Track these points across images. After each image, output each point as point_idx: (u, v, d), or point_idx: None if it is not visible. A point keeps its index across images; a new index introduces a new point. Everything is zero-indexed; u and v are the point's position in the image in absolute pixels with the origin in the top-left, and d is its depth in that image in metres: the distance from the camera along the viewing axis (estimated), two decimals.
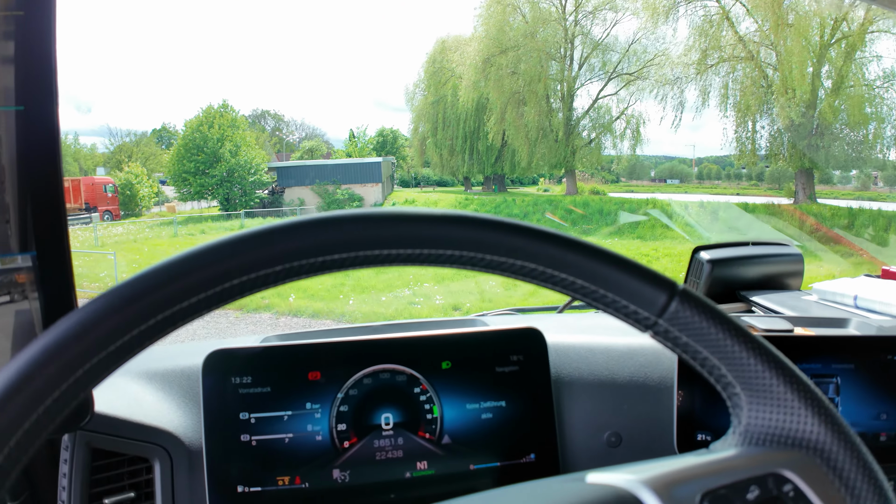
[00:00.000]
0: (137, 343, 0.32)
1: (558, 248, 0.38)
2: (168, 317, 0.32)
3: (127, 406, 0.77)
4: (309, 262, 0.35)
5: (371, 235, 0.35)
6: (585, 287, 0.39)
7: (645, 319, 0.39)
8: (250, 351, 0.79)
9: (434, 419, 0.82)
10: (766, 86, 18.42)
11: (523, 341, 0.87)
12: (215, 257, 0.33)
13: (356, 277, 7.19)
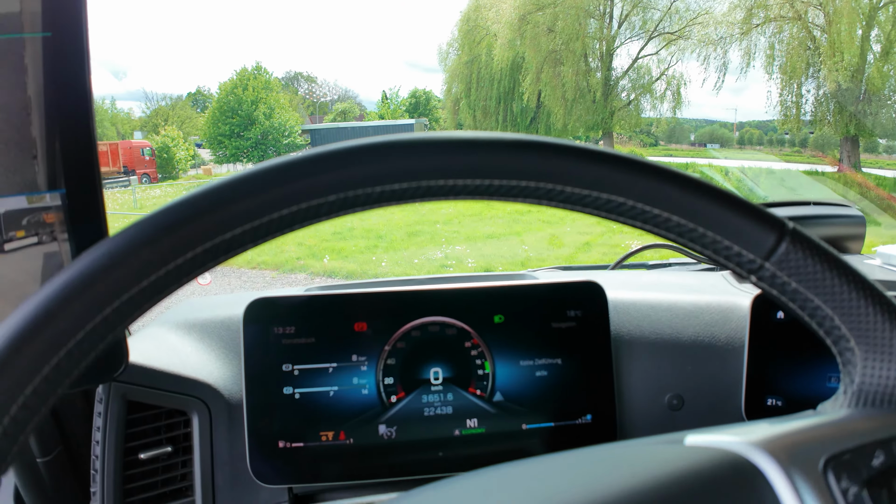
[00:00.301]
0: (174, 279, 0.27)
1: (652, 179, 0.31)
2: (209, 249, 0.27)
3: (164, 357, 0.73)
4: (364, 193, 0.29)
5: (435, 164, 0.29)
6: (682, 225, 0.33)
7: (749, 263, 0.33)
8: (294, 300, 0.74)
9: (485, 375, 0.77)
10: (812, 48, 17.41)
11: (582, 296, 0.80)
12: (260, 185, 0.28)
13: (389, 240, 7.19)
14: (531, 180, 0.31)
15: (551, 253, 6.33)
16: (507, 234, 7.09)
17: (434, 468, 0.76)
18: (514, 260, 6.14)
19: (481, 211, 8.37)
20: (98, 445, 0.68)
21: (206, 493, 0.72)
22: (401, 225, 7.88)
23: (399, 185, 0.30)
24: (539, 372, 0.78)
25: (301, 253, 6.56)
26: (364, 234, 7.44)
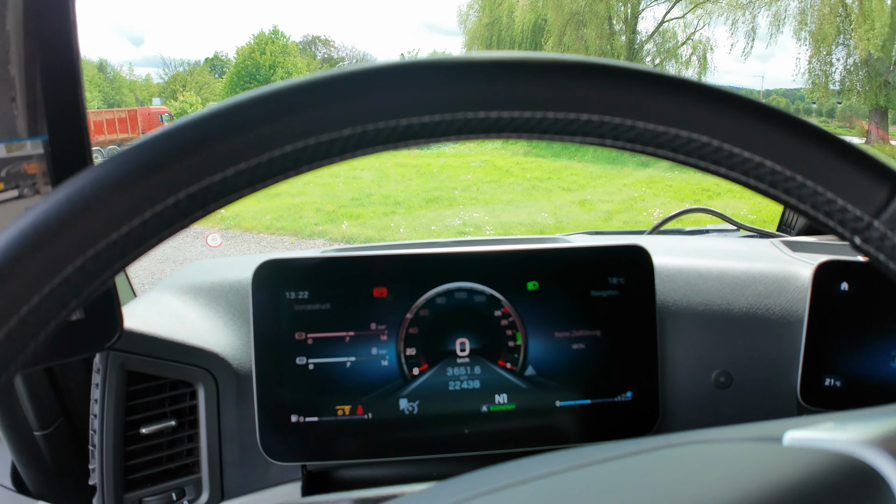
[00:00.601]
0: (149, 232, 0.22)
1: (744, 115, 0.24)
2: (194, 195, 0.22)
3: (167, 324, 0.67)
4: (388, 127, 0.23)
5: (474, 92, 0.23)
6: (777, 173, 0.25)
7: (854, 221, 0.26)
8: (307, 262, 0.67)
9: (516, 347, 0.70)
10: (843, 15, 16.61)
11: (625, 262, 0.72)
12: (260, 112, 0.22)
13: (407, 206, 7.11)
14: (595, 113, 0.23)
15: (571, 220, 6.20)
16: (526, 201, 6.96)
17: (459, 446, 0.70)
18: (532, 227, 6.04)
19: (500, 178, 8.23)
20: (96, 419, 0.62)
21: (213, 470, 0.67)
22: (418, 191, 7.79)
23: (431, 117, 0.23)
24: (576, 345, 0.71)
25: (319, 219, 6.53)
26: (382, 200, 7.37)
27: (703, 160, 0.26)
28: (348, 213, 6.87)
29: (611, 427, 0.72)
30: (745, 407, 0.74)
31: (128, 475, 0.64)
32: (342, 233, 6.50)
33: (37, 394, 0.67)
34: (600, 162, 8.98)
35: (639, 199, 6.83)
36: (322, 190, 7.57)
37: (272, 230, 6.02)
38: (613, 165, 8.86)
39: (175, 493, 0.65)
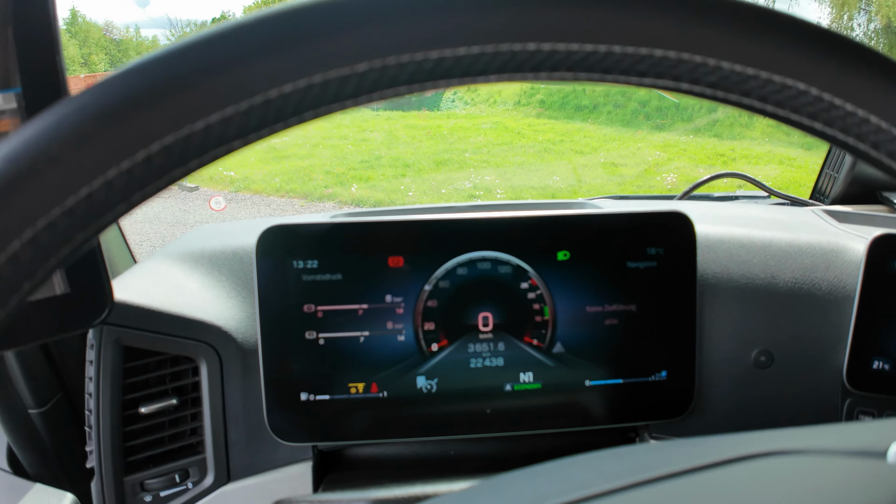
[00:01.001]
0: (102, 206, 0.17)
1: (856, 62, 0.19)
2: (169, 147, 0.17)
3: (166, 295, 0.62)
4: (415, 63, 0.18)
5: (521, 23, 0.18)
6: (882, 132, 0.20)
7: None
8: (316, 227, 0.61)
9: (544, 322, 0.64)
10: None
11: (665, 230, 0.65)
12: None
13: (417, 168, 7.01)
14: (673, 49, 0.18)
15: (585, 184, 6.09)
16: (537, 164, 6.82)
17: (480, 426, 0.65)
18: (544, 191, 5.93)
19: (512, 140, 8.06)
20: (91, 398, 0.58)
21: (217, 450, 0.63)
22: (428, 153, 7.66)
23: (468, 50, 0.17)
24: (609, 320, 0.65)
25: (329, 181, 6.45)
26: (391, 162, 7.26)
27: (796, 112, 0.20)
28: (358, 175, 6.78)
29: (643, 408, 0.67)
30: (785, 389, 0.69)
31: (127, 457, 0.60)
32: (352, 195, 6.44)
33: (31, 369, 0.63)
34: (614, 124, 8.76)
35: (654, 164, 6.68)
36: (331, 152, 7.47)
37: (282, 193, 5.96)
38: (628, 128, 8.64)
39: (178, 475, 0.62)
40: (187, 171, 0.19)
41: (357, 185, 6.51)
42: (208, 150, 0.17)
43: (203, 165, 0.18)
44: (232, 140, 0.18)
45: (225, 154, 0.19)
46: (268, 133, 0.19)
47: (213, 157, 0.18)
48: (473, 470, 0.67)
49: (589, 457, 0.29)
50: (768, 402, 0.69)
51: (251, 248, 0.67)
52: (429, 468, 0.69)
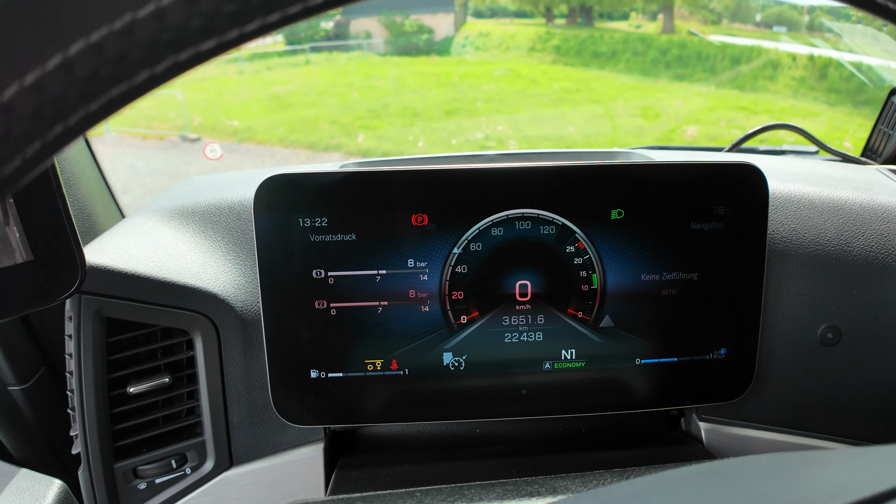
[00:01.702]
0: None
1: None
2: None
3: (152, 258, 0.53)
4: None
5: None
6: None
7: None
8: (325, 178, 0.52)
9: (591, 292, 0.56)
10: None
11: (735, 185, 0.55)
12: None
13: (426, 118, 6.82)
14: None
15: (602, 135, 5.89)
16: (552, 115, 6.60)
17: (514, 409, 0.58)
18: (559, 142, 5.76)
19: (525, 88, 7.79)
20: (73, 377, 0.50)
21: (217, 433, 0.55)
22: (437, 102, 7.43)
23: None
24: (666, 290, 0.56)
25: (335, 131, 6.28)
26: (399, 111, 7.05)
27: None
28: (365, 124, 6.61)
29: (697, 390, 0.59)
30: (851, 369, 0.60)
31: (117, 441, 0.53)
32: (358, 146, 6.30)
33: (9, 341, 0.55)
34: (633, 73, 8.42)
35: (674, 116, 6.44)
36: (337, 100, 7.25)
37: (286, 143, 5.81)
38: (647, 77, 8.32)
39: (175, 460, 0.54)
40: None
41: (364, 135, 6.35)
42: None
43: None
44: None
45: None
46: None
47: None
48: (501, 450, 0.60)
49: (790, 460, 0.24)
50: (831, 383, 0.61)
51: (248, 202, 0.58)
52: (453, 447, 0.62)
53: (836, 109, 6.55)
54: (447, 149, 6.22)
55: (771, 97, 7.93)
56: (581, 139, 5.97)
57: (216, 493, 0.56)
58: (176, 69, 0.15)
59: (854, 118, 5.84)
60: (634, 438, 0.63)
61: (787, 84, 8.53)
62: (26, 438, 0.55)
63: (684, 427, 0.65)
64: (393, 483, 0.55)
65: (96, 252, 0.51)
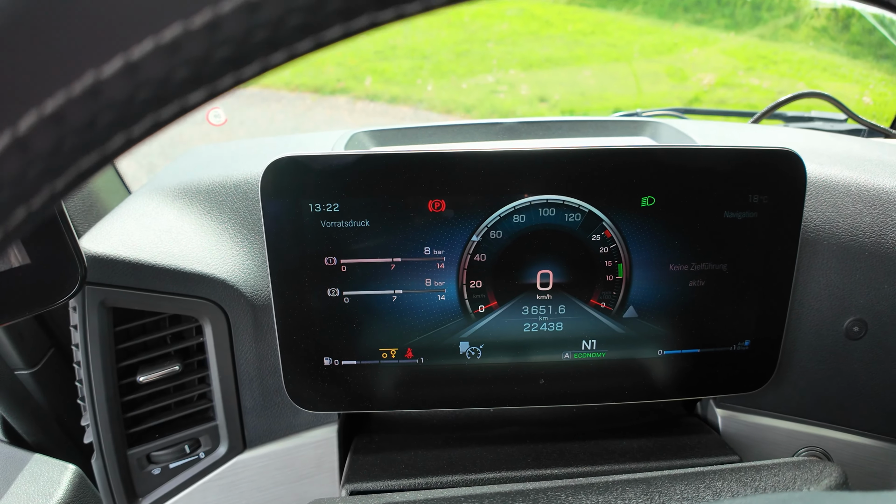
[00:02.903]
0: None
1: None
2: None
3: (156, 243, 0.51)
4: None
5: None
6: None
7: None
8: (335, 161, 0.49)
9: (616, 282, 0.53)
10: None
11: (773, 173, 0.52)
12: None
13: (435, 60, 6.60)
14: None
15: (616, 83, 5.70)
16: (566, 59, 6.36)
17: (530, 399, 0.56)
18: (573, 89, 5.58)
19: (539, 30, 7.48)
20: (81, 367, 0.49)
21: (230, 417, 0.55)
22: (448, 43, 7.18)
23: None
24: (694, 281, 0.54)
25: (341, 74, 6.11)
26: (408, 53, 6.82)
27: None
28: (372, 67, 6.42)
29: (718, 381, 0.57)
30: (874, 363, 0.58)
31: (129, 428, 0.53)
32: (366, 90, 6.14)
33: (16, 327, 0.54)
34: (650, 16, 8.06)
35: (690, 63, 6.19)
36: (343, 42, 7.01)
37: (291, 87, 5.67)
38: (664, 21, 7.96)
39: (188, 445, 0.54)
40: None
41: (371, 78, 6.17)
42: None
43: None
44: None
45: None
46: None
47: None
48: (515, 435, 0.60)
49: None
50: (853, 377, 0.59)
51: (256, 179, 0.55)
52: (467, 429, 0.61)
53: (857, 62, 6.27)
54: (457, 93, 6.06)
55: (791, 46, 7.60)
56: (597, 85, 5.78)
57: (230, 477, 0.56)
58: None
59: (874, 72, 5.60)
60: (649, 423, 0.62)
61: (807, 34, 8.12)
62: (39, 423, 0.55)
63: (700, 412, 0.64)
64: (408, 470, 0.54)
65: (98, 240, 0.49)
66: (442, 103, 6.07)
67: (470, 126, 0.73)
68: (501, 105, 6.07)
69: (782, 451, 0.61)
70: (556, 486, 0.45)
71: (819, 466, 0.45)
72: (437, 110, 5.63)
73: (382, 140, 0.71)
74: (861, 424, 0.61)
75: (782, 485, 0.43)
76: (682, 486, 0.43)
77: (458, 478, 0.53)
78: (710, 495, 0.42)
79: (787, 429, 0.61)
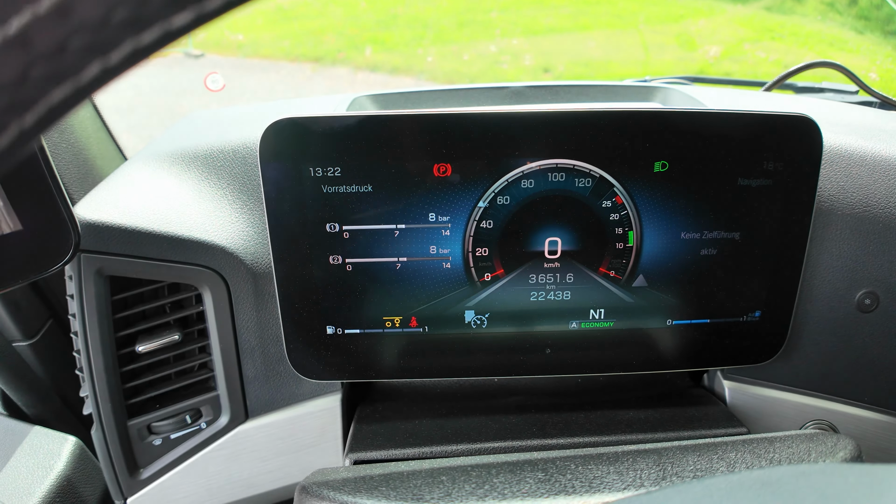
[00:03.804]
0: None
1: None
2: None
3: (152, 210, 0.50)
4: None
5: None
6: None
7: None
8: (336, 123, 0.47)
9: (626, 250, 0.52)
10: None
11: (789, 139, 0.50)
12: None
13: (437, 29, 6.48)
14: None
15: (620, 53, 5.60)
16: (571, 29, 6.23)
17: (536, 368, 0.56)
18: (577, 59, 5.48)
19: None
20: (78, 338, 0.48)
21: (232, 387, 0.54)
22: (450, 12, 7.04)
23: None
24: (706, 250, 0.52)
25: (341, 44, 6.00)
26: (409, 22, 6.69)
27: None
28: (373, 37, 6.31)
29: (727, 352, 0.56)
30: (885, 337, 0.57)
31: (129, 399, 0.52)
32: (366, 60, 6.04)
33: (12, 296, 0.53)
34: None
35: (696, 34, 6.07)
36: (343, 10, 6.88)
37: (291, 57, 5.57)
38: None
39: (189, 416, 0.53)
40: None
41: (371, 48, 6.07)
42: None
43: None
44: None
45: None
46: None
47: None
48: (520, 405, 0.59)
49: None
50: (863, 350, 0.58)
51: (255, 144, 0.53)
52: (471, 399, 0.61)
53: (863, 37, 6.15)
54: (459, 63, 5.96)
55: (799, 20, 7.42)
56: (601, 55, 5.68)
57: (232, 447, 0.55)
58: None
59: (882, 48, 5.48)
60: (656, 394, 0.62)
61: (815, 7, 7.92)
62: (38, 395, 0.54)
63: (707, 383, 0.64)
64: (412, 440, 0.54)
65: (93, 207, 0.47)
66: (444, 74, 5.97)
67: (476, 90, 0.71)
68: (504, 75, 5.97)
69: (789, 424, 0.60)
70: (565, 456, 0.44)
71: (833, 439, 0.44)
72: (439, 81, 5.53)
73: (385, 104, 0.68)
74: (870, 399, 0.60)
75: (797, 457, 0.42)
76: (694, 456, 0.43)
77: (463, 447, 0.52)
78: (723, 466, 0.41)
79: (795, 402, 0.60)
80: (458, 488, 0.40)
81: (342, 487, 0.41)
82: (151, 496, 0.54)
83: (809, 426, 0.61)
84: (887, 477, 0.24)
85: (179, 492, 0.55)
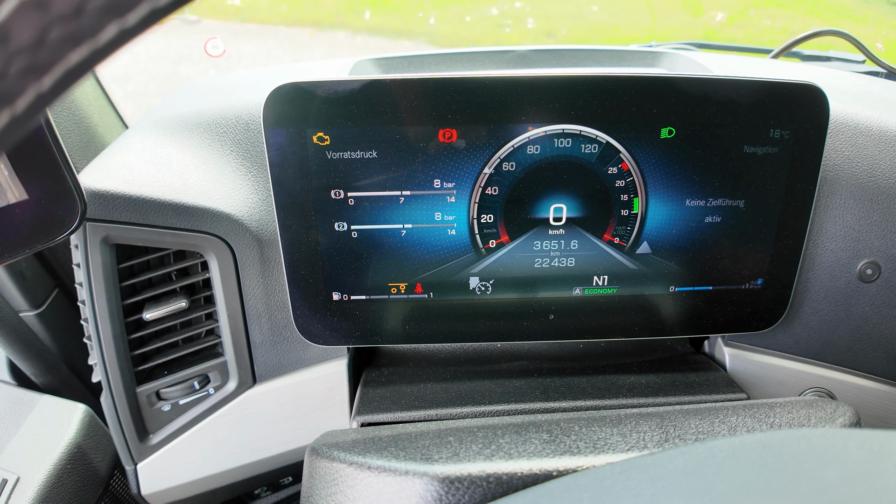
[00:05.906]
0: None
1: None
2: None
3: (156, 177, 0.49)
4: None
5: None
6: None
7: None
8: (340, 87, 0.46)
9: (631, 217, 0.52)
10: None
11: (795, 107, 0.49)
12: None
13: None
14: None
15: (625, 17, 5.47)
16: None
17: (539, 334, 0.56)
18: (581, 23, 5.37)
19: None
20: (86, 306, 0.48)
21: (239, 353, 0.55)
22: None
23: None
24: (710, 217, 0.52)
25: (340, 7, 5.87)
26: None
27: None
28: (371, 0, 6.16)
29: (729, 319, 0.57)
30: (885, 307, 0.58)
31: (137, 366, 0.53)
32: (365, 23, 5.92)
33: (18, 266, 0.53)
34: None
35: None
36: None
37: (289, 22, 5.45)
38: None
39: (197, 382, 0.54)
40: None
41: (371, 11, 5.93)
42: None
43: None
44: None
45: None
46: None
47: None
48: (524, 369, 0.60)
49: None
50: (864, 320, 0.59)
51: (258, 109, 0.53)
52: (476, 363, 0.62)
53: (870, 6, 5.98)
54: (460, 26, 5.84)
55: None
56: (606, 20, 5.55)
57: (240, 412, 0.56)
58: None
59: (888, 18, 5.34)
60: (657, 360, 0.62)
61: None
62: (47, 364, 0.55)
63: (707, 350, 0.64)
64: (417, 403, 0.55)
65: (98, 175, 0.47)
66: (445, 38, 5.86)
67: (480, 53, 0.69)
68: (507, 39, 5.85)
69: (788, 391, 0.61)
70: (569, 418, 0.45)
71: (832, 406, 0.45)
72: (441, 45, 5.43)
73: (388, 68, 0.67)
74: (868, 367, 0.61)
75: (797, 422, 0.43)
76: (696, 420, 0.43)
77: (468, 409, 0.53)
78: (725, 430, 0.42)
79: (794, 369, 0.61)
80: (466, 448, 0.41)
81: (352, 448, 0.41)
82: (161, 461, 0.56)
83: (808, 393, 0.62)
84: (887, 442, 0.24)
85: (189, 456, 0.57)
